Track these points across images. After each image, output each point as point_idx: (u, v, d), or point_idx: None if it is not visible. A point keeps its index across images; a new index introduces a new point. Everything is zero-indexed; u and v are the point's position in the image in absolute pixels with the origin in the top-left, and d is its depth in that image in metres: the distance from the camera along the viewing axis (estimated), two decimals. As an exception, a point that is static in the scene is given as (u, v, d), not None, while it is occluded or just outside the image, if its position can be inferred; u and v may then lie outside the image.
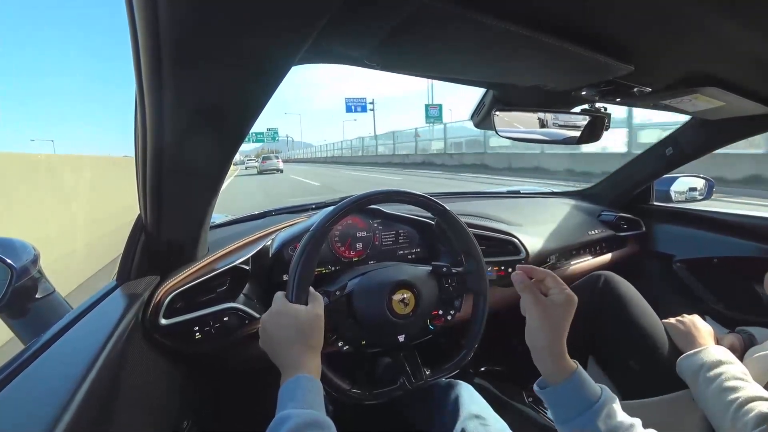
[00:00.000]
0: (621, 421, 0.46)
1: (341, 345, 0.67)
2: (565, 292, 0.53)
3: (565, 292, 0.53)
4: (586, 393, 0.48)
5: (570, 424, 0.48)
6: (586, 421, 0.47)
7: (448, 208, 0.71)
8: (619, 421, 0.46)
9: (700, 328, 0.82)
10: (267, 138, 56.08)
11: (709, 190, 1.34)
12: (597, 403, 0.47)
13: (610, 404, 0.48)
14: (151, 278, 0.66)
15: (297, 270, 0.59)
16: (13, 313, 0.69)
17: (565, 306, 0.52)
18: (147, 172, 0.50)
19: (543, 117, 0.84)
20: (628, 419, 0.47)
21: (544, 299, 0.52)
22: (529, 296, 0.53)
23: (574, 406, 0.48)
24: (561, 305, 0.52)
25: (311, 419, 0.45)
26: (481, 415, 0.68)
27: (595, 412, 0.47)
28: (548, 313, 0.51)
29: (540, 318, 0.51)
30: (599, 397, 0.48)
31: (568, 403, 0.49)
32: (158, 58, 0.32)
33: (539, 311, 0.51)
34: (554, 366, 0.50)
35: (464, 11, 0.38)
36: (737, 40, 0.49)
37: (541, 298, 0.52)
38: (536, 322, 0.51)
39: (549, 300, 0.52)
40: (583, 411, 0.47)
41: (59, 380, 0.40)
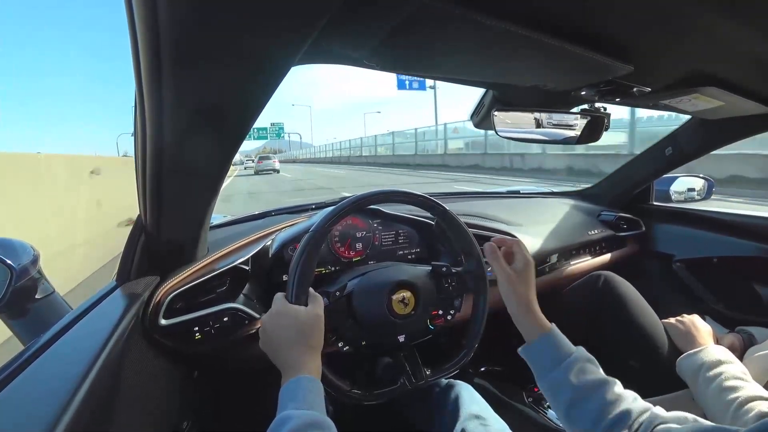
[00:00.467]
0: (592, 378, 0.50)
1: (341, 345, 0.67)
2: (524, 258, 0.61)
3: (524, 258, 0.61)
4: (559, 350, 0.53)
5: (545, 378, 0.53)
6: (558, 375, 0.52)
7: (447, 208, 0.71)
8: (590, 378, 0.50)
9: (699, 327, 0.82)
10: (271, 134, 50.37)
11: (708, 190, 1.34)
12: (569, 359, 0.52)
13: (583, 362, 0.52)
14: (151, 278, 0.66)
15: (296, 271, 0.59)
16: (13, 314, 0.69)
17: (524, 271, 0.60)
18: (147, 172, 0.50)
19: (542, 117, 0.84)
20: (600, 377, 0.50)
21: (506, 267, 0.60)
22: (494, 265, 0.60)
23: (548, 361, 0.53)
24: (520, 271, 0.59)
25: (312, 420, 0.45)
26: (481, 415, 0.68)
27: (567, 367, 0.51)
28: (511, 279, 0.59)
29: (506, 283, 0.59)
30: (572, 353, 0.53)
31: (543, 358, 0.54)
32: (158, 57, 0.32)
33: (504, 278, 0.59)
34: (529, 326, 0.57)
35: (464, 11, 0.38)
36: (737, 40, 0.49)
37: (505, 267, 0.60)
38: (503, 287, 0.59)
39: (512, 268, 0.60)
40: (556, 366, 0.52)
41: (59, 381, 0.40)
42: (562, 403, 0.51)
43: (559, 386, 0.52)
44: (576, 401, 0.50)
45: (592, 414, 0.48)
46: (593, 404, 0.48)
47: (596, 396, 0.49)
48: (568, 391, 0.50)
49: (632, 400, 0.48)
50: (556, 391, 0.52)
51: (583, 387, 0.50)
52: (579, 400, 0.50)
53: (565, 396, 0.51)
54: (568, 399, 0.50)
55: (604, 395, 0.48)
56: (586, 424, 0.48)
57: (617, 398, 0.48)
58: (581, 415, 0.49)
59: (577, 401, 0.50)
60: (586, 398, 0.49)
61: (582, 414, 0.49)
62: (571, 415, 0.50)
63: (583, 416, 0.49)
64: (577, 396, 0.50)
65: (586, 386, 0.50)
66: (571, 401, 0.50)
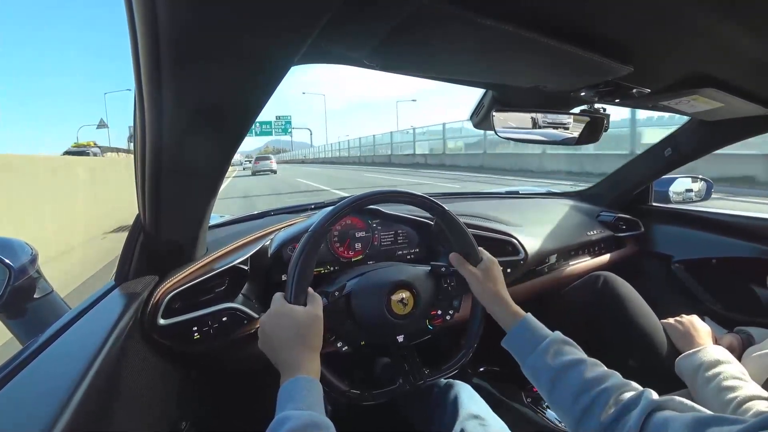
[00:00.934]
0: (569, 359, 0.52)
1: (340, 345, 0.67)
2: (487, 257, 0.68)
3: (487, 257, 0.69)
4: (534, 335, 0.57)
5: (526, 363, 0.56)
6: (536, 359, 0.54)
7: (446, 208, 0.71)
8: (567, 359, 0.52)
9: (698, 328, 0.82)
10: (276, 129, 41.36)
11: (707, 191, 1.35)
12: (544, 342, 0.55)
13: (558, 344, 0.54)
14: (150, 278, 0.66)
15: (295, 271, 0.59)
16: (12, 313, 0.69)
17: (489, 269, 0.67)
18: (146, 171, 0.50)
19: (542, 118, 0.84)
20: (577, 356, 0.52)
21: (473, 269, 0.67)
22: (461, 271, 0.67)
23: (525, 346, 0.56)
24: (486, 269, 0.66)
25: (311, 420, 0.45)
26: (479, 416, 0.68)
27: (544, 350, 0.54)
28: (478, 278, 0.66)
29: (475, 283, 0.66)
30: (547, 337, 0.55)
31: (521, 345, 0.57)
32: (157, 57, 0.32)
33: (472, 279, 0.66)
34: (504, 317, 0.61)
35: (464, 12, 0.38)
36: (736, 42, 0.49)
37: (471, 269, 0.67)
38: (474, 287, 0.66)
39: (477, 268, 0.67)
40: (533, 350, 0.55)
41: (57, 380, 0.40)
42: (543, 386, 0.53)
43: (539, 369, 0.54)
44: (555, 381, 0.51)
45: (571, 391, 0.49)
46: (572, 381, 0.50)
47: (574, 374, 0.50)
48: (546, 372, 0.52)
49: (611, 377, 0.49)
50: (537, 374, 0.54)
51: (560, 367, 0.52)
52: (558, 380, 0.51)
53: (545, 378, 0.53)
54: (548, 380, 0.52)
55: (582, 373, 0.50)
56: (567, 401, 0.49)
57: (596, 376, 0.49)
58: (561, 394, 0.50)
59: (556, 381, 0.51)
60: (565, 377, 0.51)
61: (562, 393, 0.50)
62: (553, 397, 0.52)
63: (563, 395, 0.50)
64: (556, 376, 0.51)
65: (563, 366, 0.51)
66: (551, 382, 0.52)
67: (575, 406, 0.48)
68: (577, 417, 0.48)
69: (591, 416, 0.46)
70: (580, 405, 0.48)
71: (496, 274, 0.66)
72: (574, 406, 0.48)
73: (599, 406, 0.46)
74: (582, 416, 0.47)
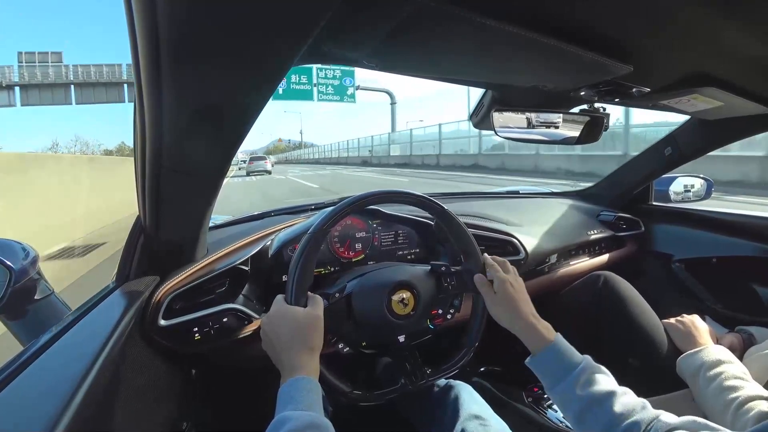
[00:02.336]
0: (600, 389, 0.50)
1: (341, 346, 0.67)
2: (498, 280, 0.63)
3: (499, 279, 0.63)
4: (564, 361, 0.53)
5: (553, 390, 0.53)
6: (565, 388, 0.51)
7: (446, 208, 0.71)
8: (598, 389, 0.50)
9: (699, 327, 0.82)
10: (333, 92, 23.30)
11: (707, 190, 1.35)
12: (575, 371, 0.51)
13: (589, 373, 0.51)
14: (151, 279, 0.66)
15: (295, 273, 0.59)
16: (12, 315, 0.69)
17: (502, 292, 0.62)
18: (146, 172, 0.50)
19: (542, 117, 0.84)
20: (608, 387, 0.50)
21: (491, 293, 0.63)
22: (483, 293, 0.64)
23: (554, 373, 0.53)
24: (499, 292, 0.62)
25: (310, 421, 0.45)
26: (480, 416, 0.68)
27: (574, 379, 0.51)
28: (496, 301, 0.62)
29: (493, 307, 0.62)
30: (577, 365, 0.52)
31: (549, 371, 0.54)
32: (157, 57, 0.32)
33: (489, 303, 0.63)
34: (531, 339, 0.57)
35: (464, 12, 0.38)
36: (736, 41, 0.49)
37: (490, 293, 0.63)
38: (493, 311, 0.63)
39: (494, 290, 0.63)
40: (562, 378, 0.52)
41: (58, 381, 0.40)
42: (571, 416, 0.51)
43: (568, 399, 0.51)
44: (584, 413, 0.49)
45: (601, 425, 0.47)
46: (602, 416, 0.48)
47: (604, 408, 0.48)
48: (576, 403, 0.50)
49: (641, 409, 0.47)
50: (565, 403, 0.52)
51: (591, 399, 0.49)
52: (587, 412, 0.49)
53: (574, 408, 0.50)
54: (576, 411, 0.50)
55: (612, 407, 0.48)
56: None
57: (626, 409, 0.47)
58: (590, 425, 0.48)
59: (585, 413, 0.49)
60: (594, 410, 0.49)
61: (591, 425, 0.48)
62: (581, 426, 0.50)
63: (592, 427, 0.48)
64: (586, 408, 0.49)
65: (594, 398, 0.49)
66: (579, 413, 0.50)
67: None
68: None
69: None
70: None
71: (512, 294, 0.61)
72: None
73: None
74: None
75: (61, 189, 4.56)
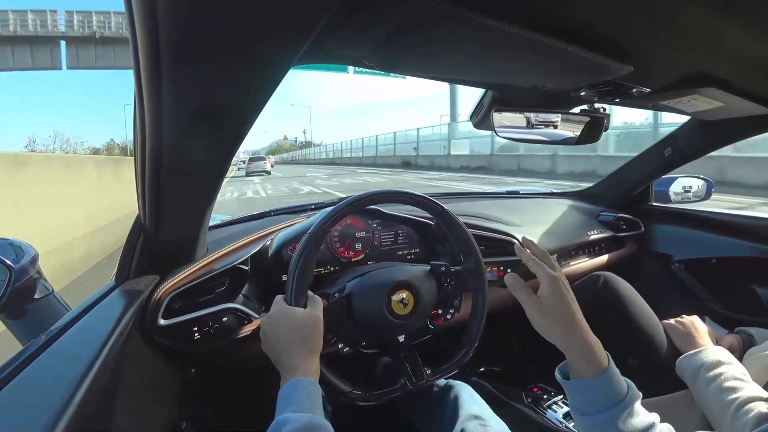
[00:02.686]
0: (640, 422, 0.44)
1: (341, 346, 0.67)
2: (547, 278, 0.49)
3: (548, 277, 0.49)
4: (611, 391, 0.45)
5: (588, 417, 0.46)
6: (606, 419, 0.44)
7: (446, 207, 0.71)
8: (638, 421, 0.44)
9: (699, 328, 0.82)
10: None
11: (707, 191, 1.35)
12: (621, 404, 0.45)
13: (633, 404, 0.45)
14: (150, 278, 0.66)
15: (295, 273, 0.59)
16: (12, 314, 0.69)
17: (555, 296, 0.48)
18: (146, 171, 0.50)
19: (542, 117, 0.84)
20: (647, 420, 0.45)
21: (533, 298, 0.49)
22: (520, 297, 0.50)
23: (597, 402, 0.45)
24: (549, 296, 0.48)
25: (310, 423, 0.45)
26: (480, 416, 0.68)
27: (617, 412, 0.44)
28: (542, 308, 0.48)
29: (537, 317, 0.49)
30: (624, 396, 0.45)
31: (591, 399, 0.46)
32: (157, 57, 0.32)
33: (531, 310, 0.49)
34: (583, 360, 0.47)
35: (464, 12, 0.38)
36: (736, 41, 0.49)
37: (531, 298, 0.49)
38: (536, 321, 0.49)
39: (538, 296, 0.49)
40: (606, 409, 0.45)
41: (58, 381, 0.40)
42: None
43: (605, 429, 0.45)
44: None
45: None
46: None
47: None
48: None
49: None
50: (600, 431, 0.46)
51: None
52: None
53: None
54: None
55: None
56: None
57: None
58: None
59: None
60: None
61: None
62: None
63: None
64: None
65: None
66: None
67: None
68: None
69: None
70: None
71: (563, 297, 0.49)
72: None
73: None
74: None
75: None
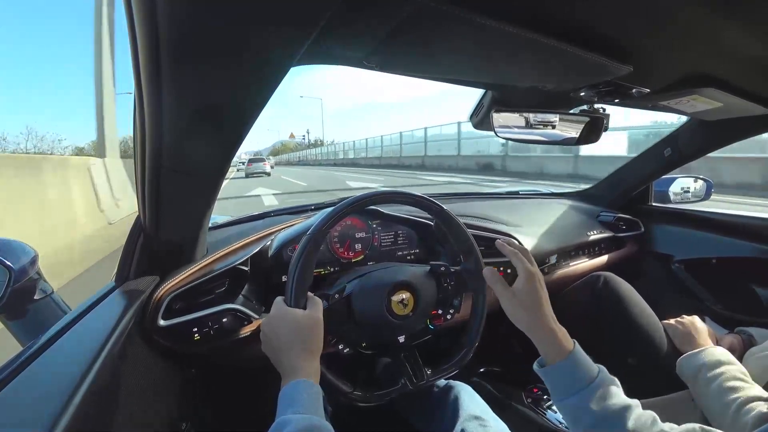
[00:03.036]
0: (614, 403, 0.47)
1: (341, 347, 0.67)
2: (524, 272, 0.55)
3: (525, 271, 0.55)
4: (580, 374, 0.49)
5: (564, 402, 0.50)
6: (579, 401, 0.48)
7: (445, 207, 0.71)
8: (612, 403, 0.47)
9: (699, 328, 0.82)
10: None
11: (707, 191, 1.35)
12: (592, 384, 0.48)
13: (605, 386, 0.48)
14: (150, 279, 0.66)
15: (295, 274, 0.59)
16: (12, 315, 0.69)
17: (528, 289, 0.54)
18: (146, 172, 0.50)
19: (542, 118, 0.84)
20: (622, 402, 0.48)
21: (508, 291, 0.55)
22: (496, 289, 0.56)
23: (568, 385, 0.49)
24: (523, 289, 0.54)
25: (310, 424, 0.45)
26: (480, 416, 0.68)
27: (590, 393, 0.48)
28: (515, 300, 0.54)
29: (510, 306, 0.54)
30: (594, 379, 0.49)
31: (563, 383, 0.50)
32: (157, 57, 0.32)
33: (505, 301, 0.55)
34: (549, 347, 0.52)
35: (464, 12, 0.38)
36: (736, 42, 0.49)
37: (506, 290, 0.55)
38: (508, 311, 0.55)
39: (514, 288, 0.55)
40: (577, 391, 0.48)
41: (58, 381, 0.40)
42: (581, 429, 0.49)
43: (580, 412, 0.48)
44: (596, 428, 0.47)
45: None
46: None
47: (618, 424, 0.46)
48: (589, 417, 0.47)
49: (651, 424, 0.46)
50: (577, 416, 0.49)
51: (605, 415, 0.47)
52: (600, 428, 0.47)
53: (586, 422, 0.48)
54: (588, 425, 0.48)
55: (626, 423, 0.46)
56: None
57: (638, 424, 0.46)
58: None
59: (597, 428, 0.47)
60: (608, 425, 0.47)
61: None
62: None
63: None
64: (598, 423, 0.47)
65: (608, 414, 0.47)
66: (591, 427, 0.47)
67: None
68: None
69: None
70: None
71: (536, 291, 0.54)
72: None
73: None
74: None
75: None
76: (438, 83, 0.72)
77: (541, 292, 0.55)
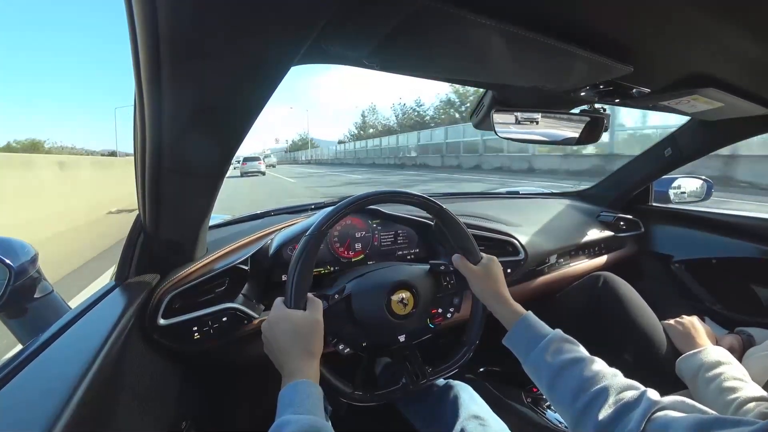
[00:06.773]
0: (568, 357, 0.52)
1: (342, 348, 0.67)
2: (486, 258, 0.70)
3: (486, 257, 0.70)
4: (534, 333, 0.57)
5: (526, 361, 0.57)
6: (536, 357, 0.55)
7: (444, 207, 0.71)
8: (565, 356, 0.52)
9: (699, 328, 0.82)
10: None
11: (707, 191, 1.35)
12: (544, 340, 0.55)
13: (558, 342, 0.55)
14: (150, 278, 0.66)
15: (294, 275, 0.59)
16: (12, 313, 0.69)
17: (488, 267, 0.68)
18: (146, 171, 0.50)
19: (542, 117, 0.84)
20: (576, 355, 0.52)
21: (473, 268, 0.68)
22: (463, 270, 0.69)
23: (525, 344, 0.57)
24: (484, 268, 0.68)
25: (310, 424, 0.45)
26: (480, 416, 0.68)
27: (543, 348, 0.54)
28: (478, 277, 0.68)
29: (475, 282, 0.68)
30: (547, 335, 0.56)
31: (522, 343, 0.58)
32: (157, 57, 0.32)
33: (472, 279, 0.68)
34: (505, 315, 0.62)
35: (464, 12, 0.38)
36: (736, 42, 0.49)
37: (471, 268, 0.68)
38: (475, 286, 0.68)
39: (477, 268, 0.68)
40: (532, 348, 0.56)
41: (57, 380, 0.40)
42: (544, 385, 0.53)
43: (539, 368, 0.54)
44: (555, 379, 0.52)
45: (570, 389, 0.49)
46: (571, 380, 0.50)
47: (573, 372, 0.50)
48: (546, 370, 0.53)
49: (612, 376, 0.49)
50: (538, 373, 0.55)
51: (560, 365, 0.52)
52: (557, 378, 0.51)
53: (545, 376, 0.53)
54: (547, 378, 0.52)
55: (581, 371, 0.50)
56: (566, 400, 0.49)
57: (595, 374, 0.49)
58: (561, 392, 0.51)
59: (556, 379, 0.52)
60: (564, 375, 0.51)
61: (561, 391, 0.50)
62: (553, 395, 0.52)
63: (562, 393, 0.50)
64: (555, 374, 0.52)
65: (563, 364, 0.52)
66: (550, 380, 0.52)
67: (574, 405, 0.48)
68: (576, 416, 0.47)
69: (590, 415, 0.46)
70: (579, 403, 0.47)
71: (496, 272, 0.68)
72: (573, 405, 0.48)
73: (598, 405, 0.45)
74: (581, 415, 0.47)
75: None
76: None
77: (498, 274, 0.68)
